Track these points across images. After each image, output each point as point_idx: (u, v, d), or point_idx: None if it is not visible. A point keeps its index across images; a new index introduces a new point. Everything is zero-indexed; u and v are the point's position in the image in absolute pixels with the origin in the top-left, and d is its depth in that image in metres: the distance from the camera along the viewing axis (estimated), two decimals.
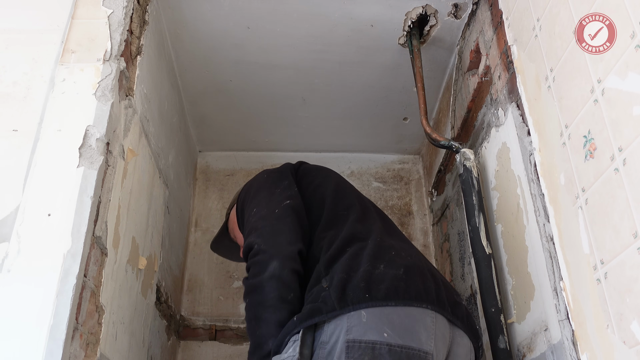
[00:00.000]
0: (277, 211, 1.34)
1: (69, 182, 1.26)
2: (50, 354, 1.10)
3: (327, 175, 1.54)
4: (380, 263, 1.18)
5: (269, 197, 1.40)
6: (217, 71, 2.17)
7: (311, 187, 1.48)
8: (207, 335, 2.37)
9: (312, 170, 1.57)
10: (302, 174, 1.53)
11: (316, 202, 1.42)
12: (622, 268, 0.92)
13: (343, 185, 1.51)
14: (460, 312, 1.21)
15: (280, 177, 1.49)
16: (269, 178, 1.51)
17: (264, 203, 1.39)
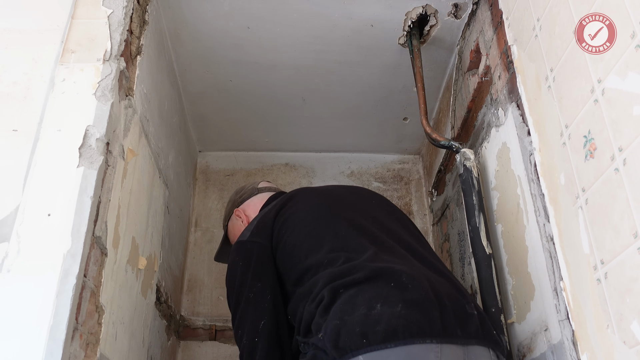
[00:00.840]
0: (256, 340, 1.35)
1: (69, 182, 1.26)
2: (50, 354, 1.10)
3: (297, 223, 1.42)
4: (376, 302, 1.10)
5: (245, 312, 1.39)
6: (217, 71, 2.17)
7: (286, 250, 1.39)
8: (207, 335, 2.37)
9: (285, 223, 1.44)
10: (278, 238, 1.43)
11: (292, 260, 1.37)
12: (622, 268, 0.92)
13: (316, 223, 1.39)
14: (472, 325, 1.13)
15: (253, 275, 1.41)
16: (242, 277, 1.42)
17: (242, 320, 1.39)
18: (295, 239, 1.37)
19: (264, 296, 1.38)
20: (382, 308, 1.09)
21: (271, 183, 1.85)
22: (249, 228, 1.49)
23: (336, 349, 1.07)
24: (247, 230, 1.49)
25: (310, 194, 1.51)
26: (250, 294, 1.38)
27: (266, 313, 1.36)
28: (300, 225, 1.39)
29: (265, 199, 1.72)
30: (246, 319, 1.37)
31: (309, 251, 1.32)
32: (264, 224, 1.46)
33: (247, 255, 1.42)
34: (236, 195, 1.80)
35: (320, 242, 1.32)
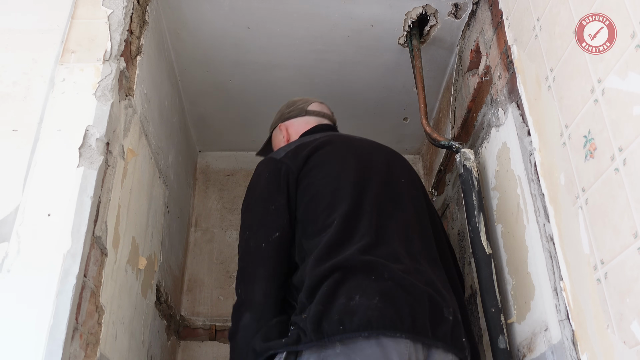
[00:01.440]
0: (263, 246, 1.36)
1: (69, 182, 1.26)
2: (50, 354, 1.10)
3: (330, 170, 1.43)
4: (356, 293, 1.18)
5: (261, 220, 1.40)
6: (217, 71, 2.17)
7: (309, 191, 1.40)
8: (207, 335, 2.37)
9: (317, 165, 1.44)
10: (305, 173, 1.43)
11: (311, 210, 1.38)
12: (622, 268, 0.92)
13: (345, 180, 1.40)
14: (443, 329, 1.20)
15: (277, 189, 1.42)
16: (265, 189, 1.43)
17: (255, 227, 1.40)
18: (316, 190, 1.39)
19: (283, 213, 1.38)
20: (360, 299, 1.17)
21: (323, 105, 1.79)
22: (285, 149, 1.49)
23: (315, 333, 1.15)
24: (282, 151, 1.50)
25: (347, 153, 1.47)
26: (272, 206, 1.39)
27: (281, 229, 1.36)
28: (324, 181, 1.40)
29: (309, 124, 1.70)
30: (261, 228, 1.37)
31: (322, 211, 1.35)
32: (297, 155, 1.45)
33: (276, 171, 1.43)
34: (286, 108, 1.78)
35: (333, 208, 1.35)
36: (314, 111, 1.75)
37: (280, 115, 1.78)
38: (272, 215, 1.38)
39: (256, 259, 1.36)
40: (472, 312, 1.81)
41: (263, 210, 1.40)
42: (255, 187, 1.46)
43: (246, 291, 1.34)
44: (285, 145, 1.55)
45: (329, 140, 1.51)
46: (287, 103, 1.81)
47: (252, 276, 1.34)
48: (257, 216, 1.40)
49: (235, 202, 2.66)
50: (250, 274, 1.35)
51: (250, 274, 1.35)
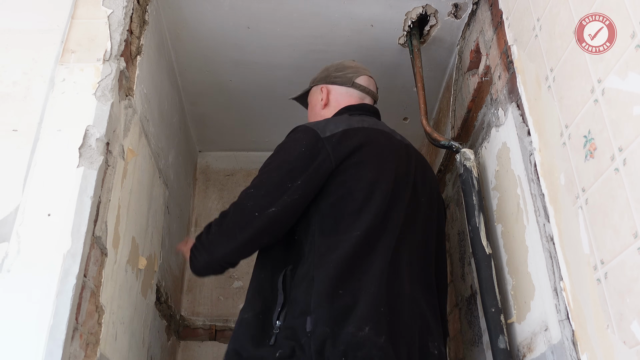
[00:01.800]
0: (256, 214, 1.31)
1: (69, 182, 1.26)
2: (50, 354, 1.10)
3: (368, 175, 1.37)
4: (365, 324, 1.17)
5: (270, 188, 1.34)
6: (217, 71, 2.17)
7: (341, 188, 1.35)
8: (207, 335, 2.37)
9: (357, 165, 1.38)
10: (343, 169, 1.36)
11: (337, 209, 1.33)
12: (622, 268, 0.92)
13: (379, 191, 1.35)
14: None
15: (303, 170, 1.34)
16: (293, 162, 1.36)
17: (262, 190, 1.34)
18: (349, 191, 1.34)
19: (293, 195, 1.31)
20: (369, 333, 1.16)
21: (371, 80, 1.72)
22: (330, 126, 1.41)
23: (317, 355, 1.14)
24: (328, 126, 1.41)
25: (387, 160, 1.42)
26: (289, 183, 1.32)
27: (283, 207, 1.30)
28: (359, 186, 1.34)
29: (352, 99, 1.64)
30: (267, 195, 1.32)
31: (349, 214, 1.31)
32: (341, 144, 1.37)
33: (313, 151, 1.36)
34: (335, 71, 1.69)
35: (359, 216, 1.31)
36: (360, 85, 1.68)
37: (327, 75, 1.69)
38: (284, 191, 1.32)
39: (242, 220, 1.31)
40: (472, 312, 1.81)
41: (279, 180, 1.34)
42: (286, 152, 1.40)
43: (215, 237, 1.34)
44: (331, 120, 1.46)
45: (375, 137, 1.44)
46: (336, 65, 1.72)
47: (228, 232, 1.32)
48: (270, 181, 1.35)
49: None
50: (228, 228, 1.32)
51: (228, 228, 1.32)
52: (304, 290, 1.23)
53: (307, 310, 1.20)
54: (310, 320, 1.18)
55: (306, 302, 1.21)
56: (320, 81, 1.70)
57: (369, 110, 1.63)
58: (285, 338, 1.20)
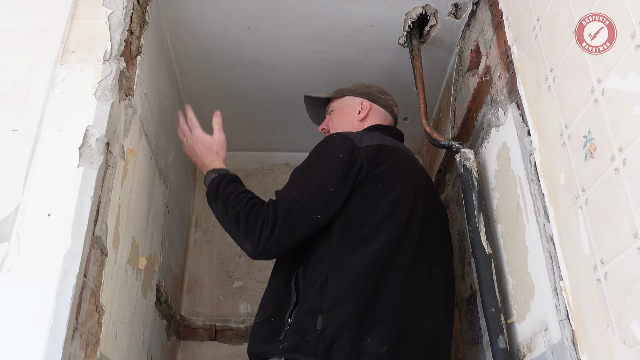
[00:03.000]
0: (302, 219, 1.32)
1: (69, 182, 1.26)
2: (50, 354, 1.10)
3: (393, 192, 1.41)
4: (368, 335, 1.22)
5: (314, 193, 1.35)
6: (217, 71, 2.17)
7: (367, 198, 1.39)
8: (207, 335, 2.37)
9: (386, 180, 1.42)
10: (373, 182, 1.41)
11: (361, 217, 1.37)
12: (622, 268, 0.92)
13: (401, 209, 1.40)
14: None
15: (344, 177, 1.37)
16: (335, 167, 1.38)
17: (307, 194, 1.35)
18: (373, 203, 1.38)
19: (335, 202, 1.35)
20: (371, 343, 1.22)
21: (398, 113, 1.84)
22: (365, 139, 1.46)
23: (324, 354, 1.19)
24: (363, 138, 1.47)
25: (411, 181, 1.47)
26: (331, 189, 1.35)
27: (325, 214, 1.33)
28: (384, 199, 1.39)
29: (386, 121, 1.75)
30: (311, 200, 1.33)
31: (369, 225, 1.35)
32: (376, 156, 1.42)
33: (352, 158, 1.39)
34: (378, 92, 1.78)
35: (379, 228, 1.35)
36: (395, 114, 1.80)
37: (370, 93, 1.77)
38: (327, 197, 1.34)
39: (288, 225, 1.31)
40: (472, 312, 1.81)
41: (322, 185, 1.35)
42: (327, 156, 1.41)
43: (260, 231, 1.31)
44: (366, 134, 1.51)
45: (404, 159, 1.51)
46: (378, 87, 1.80)
47: (275, 236, 1.31)
48: (314, 186, 1.36)
49: None
50: (275, 233, 1.30)
51: (275, 233, 1.30)
52: (317, 289, 1.28)
53: (319, 309, 1.24)
54: (321, 319, 1.22)
55: (319, 301, 1.25)
56: (362, 95, 1.77)
57: (397, 134, 1.71)
58: (293, 333, 1.24)
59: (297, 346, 1.21)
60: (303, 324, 1.24)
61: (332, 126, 1.78)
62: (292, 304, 1.31)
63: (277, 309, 1.33)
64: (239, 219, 1.36)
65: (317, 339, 1.20)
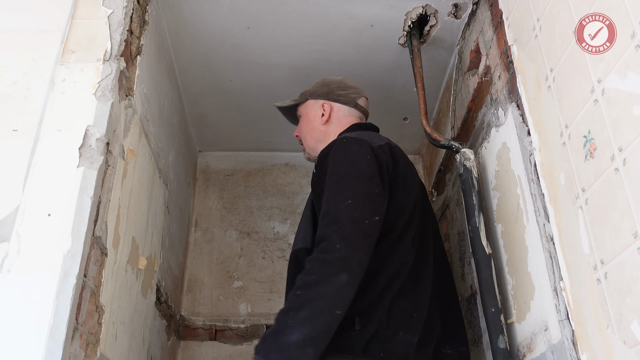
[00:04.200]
0: (367, 222, 1.25)
1: (69, 182, 1.26)
2: (50, 354, 1.10)
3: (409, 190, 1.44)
4: (401, 329, 1.28)
5: (365, 197, 1.30)
6: (217, 71, 2.17)
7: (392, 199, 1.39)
8: (207, 335, 2.37)
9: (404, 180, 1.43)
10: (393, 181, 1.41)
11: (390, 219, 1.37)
12: (622, 268, 0.92)
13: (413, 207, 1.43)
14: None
15: (380, 175, 1.35)
16: (368, 169, 1.35)
17: (360, 200, 1.28)
18: (396, 203, 1.39)
19: (383, 201, 1.32)
20: (404, 335, 1.28)
21: (367, 102, 1.77)
22: (376, 141, 1.45)
23: (362, 350, 1.24)
24: (373, 138, 1.47)
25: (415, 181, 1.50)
26: (376, 189, 1.31)
27: (381, 214, 1.29)
28: (405, 201, 1.41)
29: (355, 119, 1.70)
30: (366, 204, 1.27)
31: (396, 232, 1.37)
32: (393, 157, 1.44)
33: (377, 158, 1.37)
34: (337, 89, 1.72)
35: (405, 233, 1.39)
36: (360, 107, 1.73)
37: (329, 92, 1.72)
38: (376, 198, 1.30)
39: (360, 230, 1.23)
40: (472, 312, 1.81)
41: (366, 188, 1.31)
42: (354, 162, 1.35)
43: (347, 253, 1.19)
44: (364, 134, 1.50)
45: (406, 158, 1.54)
46: (337, 82, 1.75)
47: (357, 244, 1.21)
48: (361, 190, 1.30)
49: (235, 202, 2.67)
50: (355, 241, 1.21)
51: (355, 241, 1.21)
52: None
53: (355, 312, 1.27)
54: (358, 320, 1.28)
55: (355, 305, 1.24)
56: (322, 96, 1.72)
57: (376, 129, 1.70)
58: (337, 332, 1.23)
59: (335, 344, 1.21)
60: (340, 327, 1.20)
61: (302, 133, 1.75)
62: None
63: None
64: (308, 286, 1.16)
65: (356, 336, 1.25)
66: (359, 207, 1.27)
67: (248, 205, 2.66)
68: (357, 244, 1.22)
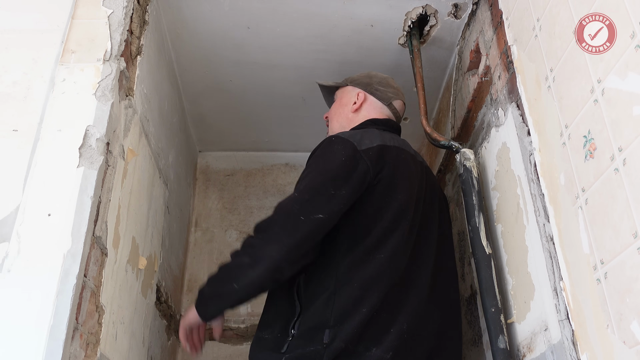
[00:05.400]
0: (302, 219, 1.30)
1: (69, 182, 1.26)
2: (50, 354, 1.10)
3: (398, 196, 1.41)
4: (374, 346, 1.24)
5: (315, 194, 1.33)
6: (217, 71, 2.17)
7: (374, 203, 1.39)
8: (207, 335, 2.36)
9: (390, 185, 1.42)
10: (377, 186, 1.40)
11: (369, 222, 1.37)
12: (622, 268, 0.92)
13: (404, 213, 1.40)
14: None
15: (346, 179, 1.36)
16: (336, 170, 1.37)
17: (307, 195, 1.33)
18: (379, 208, 1.37)
19: (338, 203, 1.32)
20: (376, 352, 1.23)
21: (403, 107, 1.77)
22: (365, 140, 1.44)
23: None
24: (362, 140, 1.45)
25: (414, 183, 1.48)
26: (333, 190, 1.33)
27: (328, 215, 1.30)
28: (390, 205, 1.39)
29: (382, 115, 1.69)
30: (312, 200, 1.31)
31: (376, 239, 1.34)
32: (380, 159, 1.41)
33: (354, 162, 1.37)
34: (378, 84, 1.74)
35: (386, 236, 1.35)
36: (394, 108, 1.74)
37: (368, 83, 1.74)
38: (329, 198, 1.32)
39: (288, 224, 1.29)
40: (472, 312, 1.81)
41: (322, 186, 1.34)
42: (326, 161, 1.40)
43: (261, 243, 1.30)
44: (365, 134, 1.49)
45: (404, 159, 1.50)
46: (380, 78, 1.76)
47: (277, 236, 1.29)
48: (314, 186, 1.34)
49: (235, 202, 2.67)
50: (276, 233, 1.29)
51: (276, 233, 1.29)
52: (324, 303, 1.28)
53: (326, 323, 1.25)
54: (328, 333, 1.23)
55: (326, 315, 1.25)
56: (360, 86, 1.74)
57: (393, 127, 1.68)
58: (297, 345, 1.25)
59: (299, 358, 1.22)
60: (309, 338, 1.24)
61: (330, 115, 1.79)
62: (296, 314, 1.30)
63: (279, 320, 1.33)
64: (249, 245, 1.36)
65: (322, 351, 1.21)
66: (302, 202, 1.31)
67: (248, 205, 2.66)
68: (278, 236, 1.28)
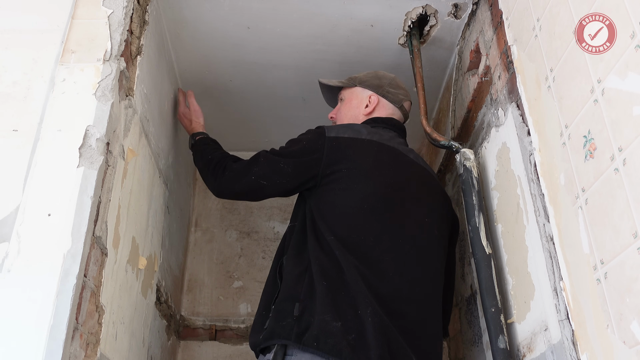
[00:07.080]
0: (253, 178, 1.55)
1: (69, 182, 1.26)
2: (50, 354, 1.10)
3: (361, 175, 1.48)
4: (338, 320, 1.26)
5: (270, 161, 1.55)
6: (217, 71, 2.17)
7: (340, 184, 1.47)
8: (207, 335, 2.37)
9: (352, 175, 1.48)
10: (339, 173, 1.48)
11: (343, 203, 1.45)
12: (622, 268, 0.92)
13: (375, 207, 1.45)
14: None
15: (297, 163, 1.53)
16: (294, 150, 1.57)
17: (265, 160, 1.57)
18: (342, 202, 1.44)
19: (282, 178, 1.52)
20: (342, 326, 1.25)
21: (410, 106, 1.85)
22: (342, 132, 1.55)
23: (297, 337, 1.24)
24: (342, 128, 1.57)
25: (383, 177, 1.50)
26: (282, 164, 1.53)
27: (267, 181, 1.53)
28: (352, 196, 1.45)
29: (389, 113, 1.76)
30: (266, 165, 1.55)
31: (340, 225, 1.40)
32: (339, 152, 1.50)
33: (311, 150, 1.53)
34: (389, 86, 1.78)
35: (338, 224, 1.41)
36: (404, 109, 1.81)
37: (379, 85, 1.78)
38: (276, 170, 1.53)
39: (241, 175, 1.57)
40: (472, 312, 1.81)
41: (277, 159, 1.54)
42: (293, 142, 1.60)
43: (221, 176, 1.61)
44: (350, 126, 1.60)
45: (377, 152, 1.53)
46: (390, 80, 1.80)
47: (234, 179, 1.58)
48: (271, 158, 1.56)
49: (235, 202, 2.66)
50: (234, 176, 1.58)
51: (234, 176, 1.58)
52: (296, 278, 1.35)
53: (296, 296, 1.31)
54: (298, 306, 1.29)
55: (297, 289, 1.32)
56: (371, 88, 1.78)
57: (394, 125, 1.72)
58: (272, 320, 1.31)
59: (273, 331, 1.27)
60: (282, 311, 1.30)
61: (339, 116, 1.81)
62: (276, 292, 1.38)
63: (266, 300, 1.41)
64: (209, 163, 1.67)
65: (292, 323, 1.26)
66: (259, 164, 1.56)
67: (248, 205, 2.66)
68: (229, 182, 1.59)
